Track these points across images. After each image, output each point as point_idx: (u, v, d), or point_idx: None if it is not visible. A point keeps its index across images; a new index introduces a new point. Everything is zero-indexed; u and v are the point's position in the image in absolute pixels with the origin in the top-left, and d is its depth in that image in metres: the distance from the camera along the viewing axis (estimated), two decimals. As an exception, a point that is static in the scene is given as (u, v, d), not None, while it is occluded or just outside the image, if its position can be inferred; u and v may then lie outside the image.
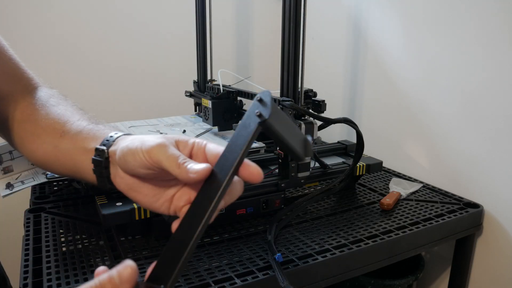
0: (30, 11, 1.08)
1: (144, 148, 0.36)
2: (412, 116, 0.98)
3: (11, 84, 0.51)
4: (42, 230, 0.70)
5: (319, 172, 0.81)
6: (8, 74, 0.51)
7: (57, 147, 0.46)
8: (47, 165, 0.49)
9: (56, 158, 0.47)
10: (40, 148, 0.48)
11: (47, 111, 0.50)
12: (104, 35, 1.17)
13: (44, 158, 0.48)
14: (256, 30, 1.40)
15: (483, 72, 0.81)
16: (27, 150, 0.50)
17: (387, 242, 0.69)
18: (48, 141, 0.47)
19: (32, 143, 0.49)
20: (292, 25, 0.74)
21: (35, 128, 0.49)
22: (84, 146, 0.44)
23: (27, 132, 0.50)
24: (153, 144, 0.36)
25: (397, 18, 0.99)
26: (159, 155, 0.36)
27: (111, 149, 0.41)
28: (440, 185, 0.93)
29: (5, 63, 0.51)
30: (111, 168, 0.41)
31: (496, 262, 0.84)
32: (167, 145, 0.37)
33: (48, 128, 0.48)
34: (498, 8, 0.77)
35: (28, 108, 0.51)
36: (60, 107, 0.51)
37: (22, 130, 0.50)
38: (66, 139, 0.46)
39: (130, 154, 0.37)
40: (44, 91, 0.54)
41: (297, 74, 0.77)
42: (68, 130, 0.47)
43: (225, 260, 0.62)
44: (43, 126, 0.48)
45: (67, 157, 0.46)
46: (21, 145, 0.51)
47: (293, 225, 0.74)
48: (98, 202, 0.66)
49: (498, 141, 0.80)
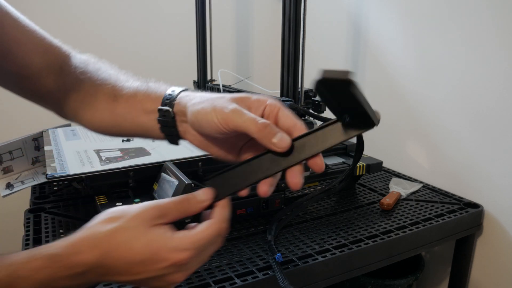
0: (30, 11, 1.08)
1: (220, 116, 0.36)
2: (412, 116, 0.98)
3: (44, 56, 0.48)
4: (42, 230, 0.70)
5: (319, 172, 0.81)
6: (38, 47, 0.48)
7: (114, 112, 0.46)
8: (108, 131, 0.49)
9: (116, 123, 0.47)
10: (96, 116, 0.47)
11: (90, 77, 0.49)
12: (103, 35, 1.17)
13: (103, 124, 0.48)
14: (256, 30, 1.40)
15: (483, 72, 0.81)
16: (83, 120, 0.49)
17: (387, 242, 0.69)
18: (102, 108, 0.47)
19: (86, 112, 0.48)
20: (292, 25, 0.75)
21: (84, 96, 0.48)
22: (144, 107, 0.44)
23: (77, 102, 0.49)
24: (227, 111, 0.36)
25: (398, 18, 0.99)
26: (236, 121, 0.36)
27: (176, 108, 0.42)
28: (440, 185, 0.93)
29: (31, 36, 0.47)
30: (178, 126, 0.42)
31: (496, 262, 0.84)
32: (241, 110, 0.36)
33: (98, 95, 0.47)
34: (499, 7, 0.77)
35: (69, 78, 0.49)
36: (102, 71, 0.50)
37: (72, 101, 0.49)
38: (122, 103, 0.46)
39: (205, 121, 0.37)
40: (78, 58, 0.52)
41: (297, 74, 0.77)
42: (120, 93, 0.46)
43: (225, 260, 0.62)
44: (92, 93, 0.48)
45: (128, 120, 0.46)
46: (75, 116, 0.50)
47: (293, 225, 0.74)
48: (98, 202, 0.66)
49: (498, 141, 0.80)
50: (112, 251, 0.34)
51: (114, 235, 0.34)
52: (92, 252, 0.34)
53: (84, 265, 0.34)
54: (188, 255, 0.35)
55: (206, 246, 0.36)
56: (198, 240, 0.36)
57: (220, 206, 0.38)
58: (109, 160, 0.75)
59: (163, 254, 0.34)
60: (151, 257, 0.34)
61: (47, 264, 0.33)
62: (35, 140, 0.88)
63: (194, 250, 0.35)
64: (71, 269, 0.33)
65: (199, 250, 0.36)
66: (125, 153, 0.80)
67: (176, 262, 0.35)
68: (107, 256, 0.34)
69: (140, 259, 0.34)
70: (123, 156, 0.78)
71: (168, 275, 0.35)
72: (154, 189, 0.71)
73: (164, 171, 0.71)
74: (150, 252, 0.34)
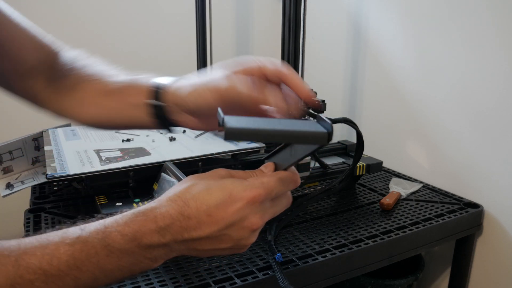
0: (30, 10, 1.08)
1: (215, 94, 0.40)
2: (412, 116, 0.98)
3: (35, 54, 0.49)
4: (42, 230, 0.69)
5: (319, 172, 0.81)
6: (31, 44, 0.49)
7: (106, 107, 0.47)
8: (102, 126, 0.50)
9: (109, 117, 0.48)
10: (89, 112, 0.48)
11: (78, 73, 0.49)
12: (103, 35, 1.17)
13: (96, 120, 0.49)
14: (256, 30, 1.40)
15: (484, 72, 0.81)
16: (76, 117, 0.50)
17: (387, 242, 0.69)
18: (94, 103, 0.48)
19: (78, 109, 0.49)
20: (292, 25, 0.75)
21: (75, 93, 0.49)
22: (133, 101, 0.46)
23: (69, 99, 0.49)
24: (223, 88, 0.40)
25: (398, 18, 0.99)
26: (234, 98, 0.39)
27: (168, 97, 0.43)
28: (440, 185, 0.93)
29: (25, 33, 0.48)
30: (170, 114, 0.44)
31: (496, 262, 0.84)
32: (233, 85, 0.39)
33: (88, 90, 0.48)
34: (499, 7, 0.77)
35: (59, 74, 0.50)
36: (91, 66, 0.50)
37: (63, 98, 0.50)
38: (112, 98, 0.47)
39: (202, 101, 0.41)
40: (68, 54, 0.52)
41: (297, 74, 0.77)
42: (110, 87, 0.47)
43: (225, 260, 0.62)
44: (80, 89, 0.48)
45: (120, 114, 0.47)
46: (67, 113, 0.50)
47: (293, 225, 0.74)
48: (98, 202, 0.67)
49: (498, 141, 0.80)
50: (190, 200, 0.36)
51: (190, 188, 0.37)
52: (173, 204, 0.36)
53: (167, 217, 0.35)
54: (260, 192, 0.37)
55: (276, 189, 0.38)
56: (268, 181, 0.38)
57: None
58: (109, 160, 0.75)
59: (237, 193, 0.36)
60: (227, 199, 0.36)
61: (133, 218, 0.35)
62: (35, 140, 0.88)
63: (265, 189, 0.37)
64: (156, 222, 0.35)
65: (270, 191, 0.38)
66: (125, 153, 0.80)
67: (250, 200, 0.36)
68: (187, 206, 0.36)
69: (216, 203, 0.36)
70: (123, 156, 0.78)
71: (245, 219, 0.37)
72: (154, 189, 0.71)
73: (164, 171, 0.71)
74: (225, 194, 0.36)
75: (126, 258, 0.34)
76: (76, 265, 0.32)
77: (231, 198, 0.36)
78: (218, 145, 0.87)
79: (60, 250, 0.33)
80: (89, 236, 0.34)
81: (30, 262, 0.31)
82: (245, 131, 0.34)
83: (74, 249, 0.33)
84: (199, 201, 0.36)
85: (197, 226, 0.36)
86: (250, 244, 0.39)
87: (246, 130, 0.34)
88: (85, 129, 1.00)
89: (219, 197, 0.36)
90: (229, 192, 0.36)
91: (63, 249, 0.33)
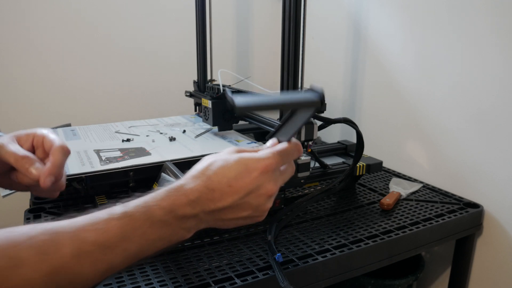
0: (31, 9, 1.08)
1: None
2: (412, 116, 0.98)
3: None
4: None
5: (319, 172, 0.81)
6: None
7: None
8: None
9: None
10: None
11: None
12: (103, 35, 1.17)
13: None
14: (256, 30, 1.40)
15: (483, 72, 0.81)
16: None
17: (387, 242, 0.69)
18: None
19: None
20: (292, 25, 0.74)
21: None
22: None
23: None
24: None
25: (398, 18, 0.99)
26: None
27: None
28: (440, 185, 0.93)
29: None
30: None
31: (496, 262, 0.84)
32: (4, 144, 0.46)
33: None
34: (499, 6, 0.77)
35: None
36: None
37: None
38: None
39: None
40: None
41: (297, 74, 0.77)
42: None
43: (225, 260, 0.62)
44: None
45: None
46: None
47: (293, 225, 0.74)
48: (98, 202, 0.67)
49: (498, 141, 0.80)
50: (212, 175, 0.42)
51: (210, 165, 0.43)
52: (198, 180, 0.41)
53: (195, 191, 0.41)
54: (272, 161, 0.43)
55: (284, 158, 0.44)
56: (276, 152, 0.44)
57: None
58: (109, 160, 0.75)
59: (252, 165, 0.42)
60: (243, 170, 0.42)
61: (168, 193, 0.40)
62: (35, 140, 0.88)
63: (275, 159, 0.43)
64: (187, 196, 0.40)
65: (279, 160, 0.43)
66: (125, 153, 0.80)
67: (264, 169, 0.42)
68: (210, 180, 0.41)
69: (235, 174, 0.41)
70: (123, 156, 0.78)
71: (262, 187, 0.42)
72: (154, 189, 0.71)
73: (164, 171, 0.71)
74: (242, 166, 0.42)
75: (165, 228, 0.39)
76: (125, 237, 0.37)
77: (247, 169, 0.42)
78: (218, 144, 0.87)
79: (110, 223, 0.37)
80: (133, 211, 0.38)
81: (86, 236, 0.35)
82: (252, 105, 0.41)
83: (122, 223, 0.37)
84: (220, 175, 0.41)
85: (221, 197, 0.41)
86: (267, 210, 0.44)
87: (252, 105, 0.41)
88: (85, 129, 1.00)
89: (237, 170, 0.41)
90: (245, 164, 0.42)
91: (112, 223, 0.37)
